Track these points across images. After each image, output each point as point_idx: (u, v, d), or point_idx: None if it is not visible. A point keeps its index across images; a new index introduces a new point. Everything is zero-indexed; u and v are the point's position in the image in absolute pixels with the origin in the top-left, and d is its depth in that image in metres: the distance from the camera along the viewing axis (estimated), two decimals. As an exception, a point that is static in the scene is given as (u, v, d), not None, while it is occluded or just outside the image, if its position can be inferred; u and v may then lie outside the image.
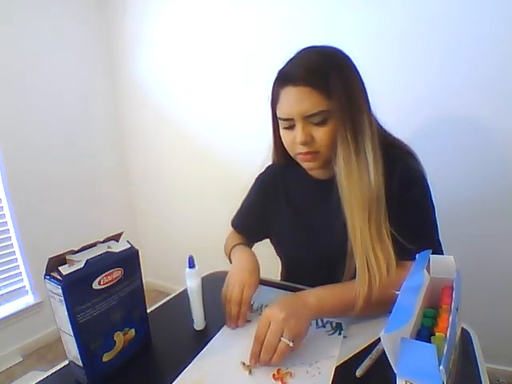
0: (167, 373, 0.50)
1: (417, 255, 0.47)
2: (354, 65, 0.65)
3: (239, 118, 1.68)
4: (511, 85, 1.10)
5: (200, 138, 1.84)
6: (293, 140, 0.66)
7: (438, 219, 0.67)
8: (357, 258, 0.61)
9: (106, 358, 0.50)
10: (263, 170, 0.86)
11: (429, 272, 0.43)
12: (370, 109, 0.66)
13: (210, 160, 1.83)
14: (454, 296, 0.38)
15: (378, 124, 0.68)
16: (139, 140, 2.11)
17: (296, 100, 0.63)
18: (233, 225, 0.89)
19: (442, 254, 0.65)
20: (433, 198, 0.67)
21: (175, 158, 1.98)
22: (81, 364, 0.47)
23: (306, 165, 0.69)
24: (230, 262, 0.80)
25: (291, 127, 0.66)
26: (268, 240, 0.86)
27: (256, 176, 0.87)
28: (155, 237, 2.23)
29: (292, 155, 0.70)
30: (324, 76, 0.61)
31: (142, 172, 2.17)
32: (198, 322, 0.62)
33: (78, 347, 0.46)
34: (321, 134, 0.63)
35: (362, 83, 0.65)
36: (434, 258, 0.44)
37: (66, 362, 0.52)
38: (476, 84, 1.14)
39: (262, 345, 0.51)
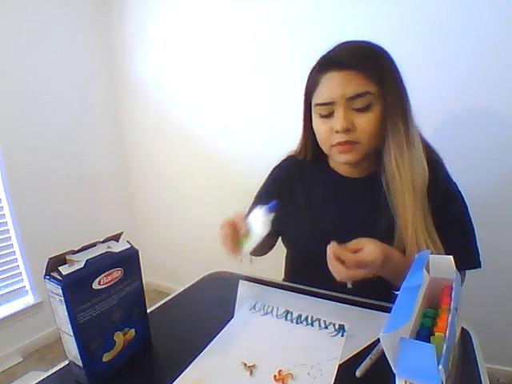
0: (167, 373, 0.50)
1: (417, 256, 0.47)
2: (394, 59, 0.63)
3: (239, 119, 1.68)
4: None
5: (200, 139, 1.84)
6: (330, 129, 0.61)
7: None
8: (407, 247, 0.60)
9: (106, 358, 0.50)
10: (279, 162, 0.82)
11: (428, 272, 0.43)
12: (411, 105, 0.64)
13: (210, 160, 1.83)
14: (453, 296, 0.38)
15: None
16: (139, 140, 2.11)
17: (339, 83, 0.58)
18: None
19: (480, 265, 0.64)
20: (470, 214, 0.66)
21: (175, 159, 1.98)
22: (81, 364, 0.47)
23: (342, 157, 0.63)
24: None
25: (329, 115, 0.61)
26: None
27: (263, 172, 0.84)
28: (155, 237, 2.23)
29: (326, 148, 0.66)
30: (373, 60, 0.58)
31: (142, 172, 2.17)
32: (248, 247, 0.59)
33: (77, 347, 0.46)
34: (364, 121, 0.59)
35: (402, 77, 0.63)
36: (433, 257, 0.44)
37: (66, 362, 0.52)
38: (476, 82, 1.14)
39: (355, 259, 0.53)
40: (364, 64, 0.58)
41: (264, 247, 0.84)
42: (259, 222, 0.59)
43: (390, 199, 0.63)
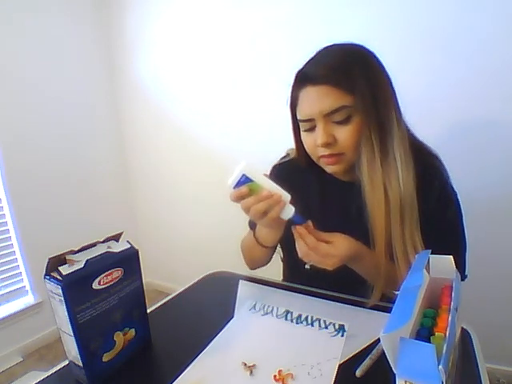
0: (167, 373, 0.50)
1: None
2: (379, 61, 0.61)
3: (240, 119, 1.68)
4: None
5: (200, 139, 1.84)
6: (314, 143, 0.62)
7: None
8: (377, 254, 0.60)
9: (106, 357, 0.50)
10: (279, 161, 0.82)
11: (428, 272, 0.43)
12: (399, 108, 0.62)
13: (210, 160, 1.83)
14: (453, 296, 0.38)
15: (407, 126, 0.64)
16: (139, 140, 2.11)
17: (316, 99, 0.58)
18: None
19: (464, 278, 0.64)
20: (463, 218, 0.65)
21: (175, 159, 1.98)
22: (81, 364, 0.47)
23: (329, 168, 0.65)
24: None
25: (312, 129, 0.62)
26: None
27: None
28: (155, 237, 2.23)
29: (315, 159, 0.66)
30: (345, 72, 0.57)
31: (142, 172, 2.17)
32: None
33: (77, 347, 0.46)
34: (344, 133, 0.59)
35: (389, 81, 0.61)
36: (433, 257, 0.44)
37: (66, 362, 0.52)
38: (476, 84, 1.14)
39: (315, 244, 0.56)
40: (337, 78, 0.57)
41: (266, 258, 0.83)
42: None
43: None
